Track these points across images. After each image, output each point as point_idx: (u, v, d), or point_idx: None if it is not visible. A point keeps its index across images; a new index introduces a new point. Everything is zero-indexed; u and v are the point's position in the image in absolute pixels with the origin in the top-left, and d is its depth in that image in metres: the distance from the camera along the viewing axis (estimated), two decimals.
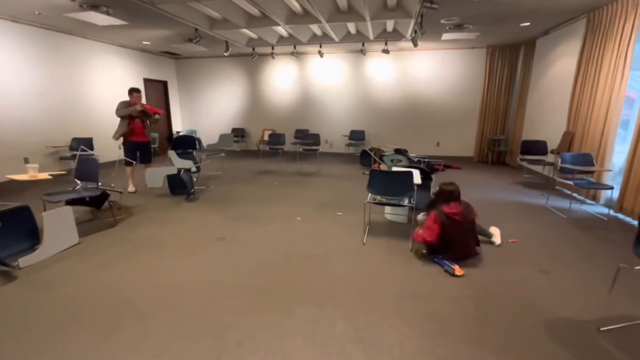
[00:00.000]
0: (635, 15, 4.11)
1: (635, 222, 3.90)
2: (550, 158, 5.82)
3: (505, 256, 3.06)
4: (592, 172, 4.41)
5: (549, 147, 5.88)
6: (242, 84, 9.29)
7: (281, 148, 7.33)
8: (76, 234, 3.31)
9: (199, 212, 4.30)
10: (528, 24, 5.66)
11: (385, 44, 6.89)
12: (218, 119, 9.72)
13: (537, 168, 6.30)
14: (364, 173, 6.77)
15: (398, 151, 5.86)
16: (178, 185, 5.08)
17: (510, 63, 7.59)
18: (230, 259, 2.99)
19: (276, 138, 7.42)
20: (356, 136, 8.63)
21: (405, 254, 3.08)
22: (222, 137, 6.55)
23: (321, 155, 8.54)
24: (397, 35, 6.56)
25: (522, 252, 3.15)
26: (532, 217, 4.15)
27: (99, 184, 3.84)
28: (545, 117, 6.28)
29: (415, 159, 5.38)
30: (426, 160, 5.98)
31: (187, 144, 5.81)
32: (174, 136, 9.55)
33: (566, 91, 5.52)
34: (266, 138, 9.14)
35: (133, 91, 4.98)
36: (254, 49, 7.65)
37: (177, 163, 5.03)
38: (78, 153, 4.59)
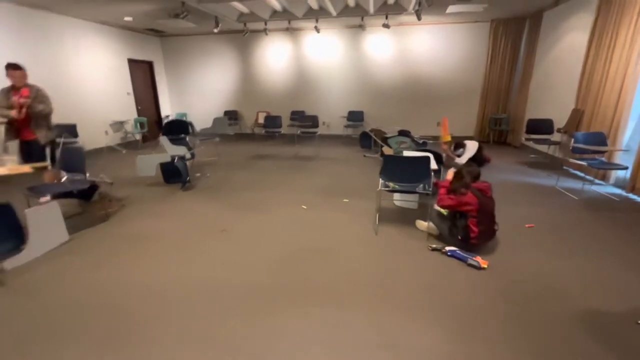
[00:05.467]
0: None
1: None
2: (556, 137, 5.68)
3: (524, 242, 2.93)
4: (604, 152, 4.27)
5: (555, 126, 5.72)
6: (234, 63, 8.79)
7: (278, 131, 7.02)
8: (65, 230, 3.06)
9: (197, 202, 4.06)
10: None
11: (386, 18, 6.49)
12: (209, 101, 9.26)
13: (542, 148, 6.16)
14: (365, 156, 6.55)
15: (402, 133, 5.63)
16: (172, 174, 4.79)
17: (514, 38, 7.28)
18: (234, 254, 2.79)
19: (272, 121, 7.09)
20: (354, 117, 8.33)
21: (421, 243, 2.92)
22: (216, 120, 6.21)
23: (319, 138, 8.25)
24: (398, 9, 6.17)
25: (539, 237, 3.03)
26: (543, 199, 4.03)
27: (87, 174, 3.54)
28: (551, 94, 6.08)
29: (420, 141, 5.17)
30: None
31: (179, 129, 5.47)
32: (164, 120, 9.12)
33: (575, 67, 5.30)
34: (261, 121, 8.78)
35: (8, 67, 3.52)
36: (245, 25, 7.17)
37: (170, 150, 4.73)
38: (61, 141, 4.24)
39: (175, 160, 4.55)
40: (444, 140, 4.58)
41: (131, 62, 7.98)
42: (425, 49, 7.75)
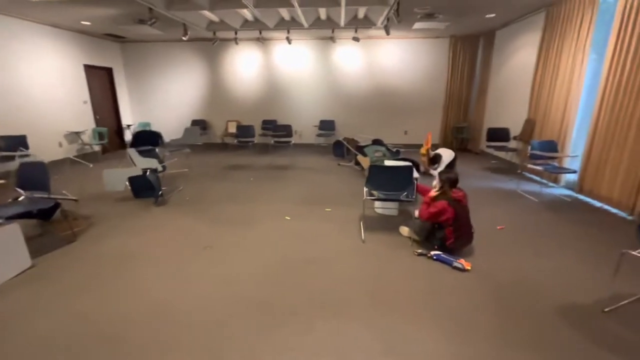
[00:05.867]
0: (593, 11, 4.42)
1: (596, 203, 4.29)
2: (513, 144, 6.21)
3: (498, 243, 3.16)
4: (556, 158, 4.75)
5: (511, 134, 6.27)
6: (202, 72, 8.55)
7: (251, 141, 6.92)
8: (27, 255, 2.76)
9: (174, 217, 3.87)
10: (493, 15, 5.87)
11: (356, 31, 6.74)
12: (175, 110, 8.89)
13: (500, 154, 6.69)
14: (339, 164, 6.67)
15: (376, 142, 5.83)
16: (144, 188, 4.53)
17: (471, 54, 7.90)
18: (223, 271, 2.70)
19: (245, 130, 6.98)
20: (326, 126, 8.47)
21: (407, 249, 3.04)
22: (188, 130, 5.98)
23: (291, 147, 8.27)
24: (368, 23, 6.43)
25: (511, 238, 3.29)
26: (507, 202, 4.38)
27: (50, 191, 3.24)
28: (507, 105, 6.66)
29: (394, 149, 5.39)
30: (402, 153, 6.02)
31: (148, 140, 5.20)
32: (125, 131, 8.59)
33: (527, 81, 5.87)
34: (231, 130, 8.61)
35: None
36: (214, 34, 7.04)
37: (140, 162, 4.48)
38: (17, 154, 3.84)
39: (147, 173, 4.32)
40: (422, 152, 4.86)
41: (88, 68, 7.46)
42: (392, 62, 8.13)
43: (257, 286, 2.47)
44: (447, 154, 4.46)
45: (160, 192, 4.47)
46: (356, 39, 6.84)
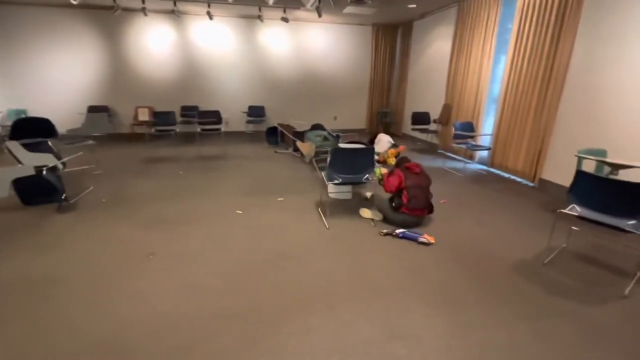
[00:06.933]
0: (497, 8, 5.08)
1: (505, 174, 5.06)
2: (433, 127, 6.87)
3: (447, 215, 3.44)
4: (473, 137, 5.42)
5: (432, 118, 6.92)
6: (100, 48, 7.05)
7: (172, 129, 6.08)
8: None
9: (92, 225, 3.13)
10: (414, 6, 6.27)
11: (284, 11, 6.43)
12: (62, 94, 7.18)
13: (422, 136, 7.35)
14: (276, 152, 6.40)
15: (316, 126, 5.73)
16: (37, 192, 3.53)
17: (391, 42, 8.38)
18: (179, 281, 2.28)
19: (164, 117, 6.09)
20: (256, 112, 8.00)
21: (371, 230, 3.06)
22: (91, 117, 4.87)
23: (219, 135, 7.59)
24: (297, 3, 6.18)
25: (454, 209, 3.62)
26: (440, 178, 4.83)
27: None
28: (426, 91, 7.30)
29: (334, 134, 5.38)
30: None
31: (37, 131, 4.06)
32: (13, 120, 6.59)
33: (443, 69, 6.51)
34: (142, 118, 7.42)
35: None
36: (115, 1, 5.85)
37: (29, 159, 3.49)
38: None
39: (44, 173, 3.37)
40: (386, 157, 5.15)
41: None
42: (321, 47, 8.08)
43: (228, 293, 2.15)
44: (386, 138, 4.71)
45: (64, 195, 3.56)
46: (285, 20, 6.53)
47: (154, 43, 7.24)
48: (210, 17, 6.37)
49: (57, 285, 2.20)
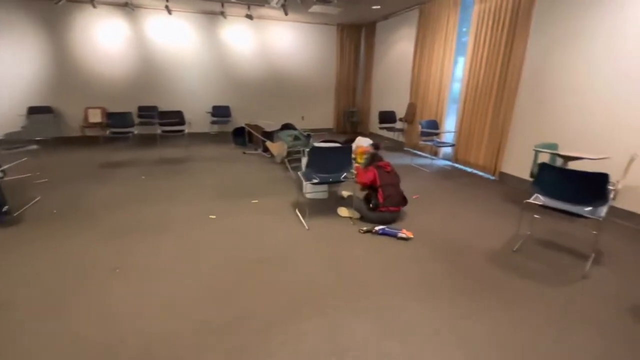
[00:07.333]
0: (456, 11, 5.35)
1: (468, 169, 5.35)
2: (399, 125, 7.08)
3: (421, 210, 3.55)
4: (438, 134, 5.67)
5: (397, 116, 7.13)
6: (40, 43, 6.32)
7: (130, 132, 5.65)
8: None
9: (42, 239, 2.79)
10: (379, 7, 6.41)
11: (249, 8, 6.26)
12: None
13: (389, 134, 7.55)
14: (244, 153, 6.21)
15: (286, 126, 5.64)
16: None
17: (355, 42, 8.50)
18: (156, 295, 2.10)
19: (120, 119, 5.64)
20: (221, 112, 7.70)
21: (350, 228, 3.07)
22: (34, 120, 4.36)
23: (182, 137, 7.21)
24: (261, 1, 6.05)
25: (427, 204, 3.75)
26: (409, 174, 4.98)
27: None
28: (392, 90, 7.50)
29: (305, 134, 5.34)
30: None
31: None
32: None
33: (407, 69, 6.73)
34: (93, 119, 6.82)
35: None
36: None
37: None
38: None
39: None
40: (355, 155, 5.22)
41: None
42: (286, 45, 7.97)
43: (211, 304, 2.02)
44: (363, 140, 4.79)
45: (6, 208, 3.15)
46: (249, 17, 6.37)
47: (105, 38, 6.67)
48: (169, 12, 6.01)
49: (8, 310, 1.92)
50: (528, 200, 2.60)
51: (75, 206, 3.52)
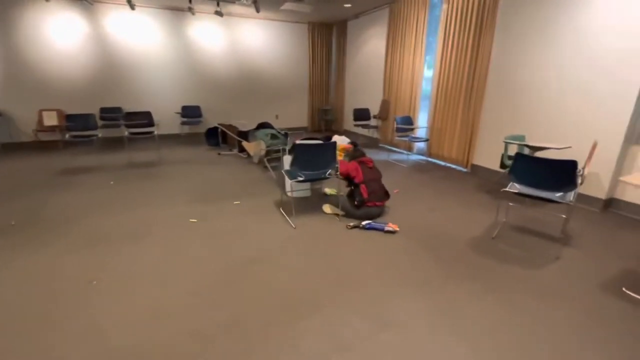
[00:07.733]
0: (425, 10, 5.52)
1: (442, 163, 5.55)
2: (373, 122, 7.20)
3: (403, 204, 3.63)
4: (413, 129, 5.83)
5: (372, 113, 7.25)
6: None
7: (94, 135, 5.27)
8: None
9: (3, 255, 2.53)
10: (350, 5, 6.46)
11: (218, 4, 6.07)
12: None
13: (364, 131, 7.65)
14: (219, 154, 6.02)
15: (262, 125, 5.53)
16: None
17: (327, 40, 8.52)
18: (142, 306, 1.98)
19: (82, 121, 5.24)
20: (191, 113, 7.41)
21: (337, 225, 3.07)
22: None
23: (151, 139, 6.86)
24: None
25: (408, 198, 3.84)
26: (387, 170, 5.08)
27: None
28: (365, 88, 7.60)
29: (283, 132, 5.28)
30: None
31: None
32: None
33: (379, 67, 6.85)
34: (49, 122, 6.30)
35: None
36: None
37: None
38: None
39: None
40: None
41: None
42: (258, 43, 7.82)
43: (202, 311, 1.94)
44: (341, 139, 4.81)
45: None
46: (219, 14, 6.16)
47: (60, 35, 6.17)
48: (132, 7, 5.68)
49: None
50: (505, 189, 2.74)
51: (36, 216, 3.23)
